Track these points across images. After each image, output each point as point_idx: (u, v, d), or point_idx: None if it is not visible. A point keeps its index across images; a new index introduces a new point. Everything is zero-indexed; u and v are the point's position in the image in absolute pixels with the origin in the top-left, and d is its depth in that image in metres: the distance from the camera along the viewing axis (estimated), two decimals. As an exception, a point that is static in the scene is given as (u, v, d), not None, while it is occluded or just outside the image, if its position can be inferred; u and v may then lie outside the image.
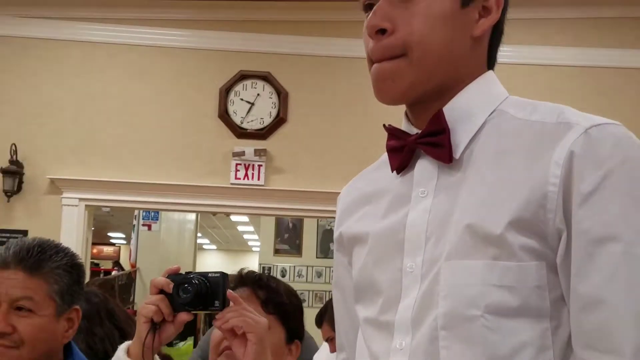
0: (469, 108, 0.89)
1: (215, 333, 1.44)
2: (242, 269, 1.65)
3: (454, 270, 0.83)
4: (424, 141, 0.89)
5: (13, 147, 4.69)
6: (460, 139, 0.87)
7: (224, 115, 4.91)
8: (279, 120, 4.96)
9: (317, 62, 5.13)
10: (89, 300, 1.82)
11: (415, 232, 0.88)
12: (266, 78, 4.98)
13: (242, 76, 4.97)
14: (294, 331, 1.58)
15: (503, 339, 0.80)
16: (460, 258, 0.83)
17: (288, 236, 9.37)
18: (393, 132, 0.94)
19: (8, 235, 4.69)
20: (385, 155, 0.98)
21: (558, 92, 4.78)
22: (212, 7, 5.08)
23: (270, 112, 4.98)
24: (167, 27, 5.10)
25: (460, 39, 0.88)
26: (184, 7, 5.10)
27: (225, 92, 4.95)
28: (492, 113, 0.89)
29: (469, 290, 0.82)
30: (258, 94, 4.98)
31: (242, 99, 4.96)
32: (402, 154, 0.91)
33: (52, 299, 1.49)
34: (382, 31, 0.85)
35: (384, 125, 0.97)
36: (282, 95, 4.94)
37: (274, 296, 1.54)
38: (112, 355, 1.34)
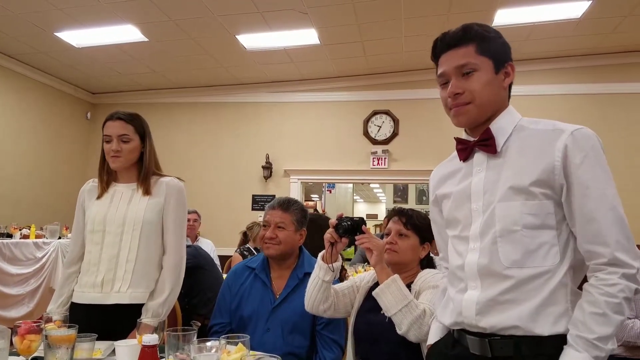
0: (502, 126, 1.17)
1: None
2: (395, 207, 1.89)
3: (504, 207, 1.08)
4: (480, 143, 1.15)
5: (267, 154, 6.75)
6: (499, 141, 1.14)
7: (366, 133, 6.62)
8: (394, 134, 6.55)
9: (413, 102, 6.52)
10: (307, 226, 2.11)
11: (476, 189, 1.14)
12: (388, 112, 6.59)
13: (375, 112, 6.62)
14: (424, 238, 1.81)
15: (532, 240, 1.06)
16: (506, 201, 1.09)
17: (400, 193, 12.19)
18: (460, 140, 1.21)
19: (266, 197, 6.79)
20: (453, 154, 1.27)
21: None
22: (359, 79, 6.62)
23: (390, 130, 6.58)
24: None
25: (496, 90, 1.16)
26: (350, 81, 6.67)
27: (366, 121, 6.64)
28: (515, 127, 1.16)
29: (513, 217, 1.07)
30: (383, 121, 6.62)
31: (375, 124, 6.64)
32: (467, 151, 1.18)
33: (293, 224, 1.97)
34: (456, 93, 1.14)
35: (454, 137, 1.22)
36: (396, 121, 6.53)
37: (409, 219, 1.83)
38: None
